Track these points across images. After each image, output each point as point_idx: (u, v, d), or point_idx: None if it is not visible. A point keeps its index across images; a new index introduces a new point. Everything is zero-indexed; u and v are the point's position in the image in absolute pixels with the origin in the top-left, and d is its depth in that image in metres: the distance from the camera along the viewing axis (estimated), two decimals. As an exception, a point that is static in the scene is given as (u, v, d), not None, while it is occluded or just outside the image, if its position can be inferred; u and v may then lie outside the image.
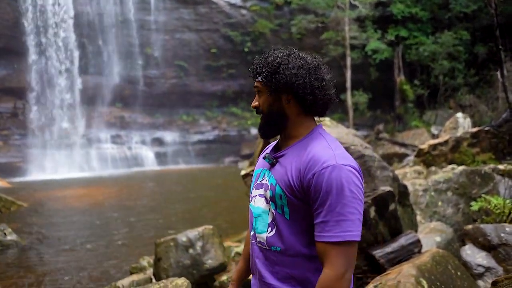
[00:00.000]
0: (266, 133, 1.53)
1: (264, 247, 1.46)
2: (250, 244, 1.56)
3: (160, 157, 23.49)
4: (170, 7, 24.82)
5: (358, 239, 1.30)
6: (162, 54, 25.06)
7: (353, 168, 1.34)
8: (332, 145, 1.40)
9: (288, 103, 1.46)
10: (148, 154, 23.42)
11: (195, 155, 24.95)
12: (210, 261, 4.58)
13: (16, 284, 5.41)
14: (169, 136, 24.90)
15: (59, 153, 20.99)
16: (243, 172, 5.74)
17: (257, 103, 1.51)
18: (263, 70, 1.47)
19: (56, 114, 21.99)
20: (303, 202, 1.37)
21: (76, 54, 22.35)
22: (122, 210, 10.34)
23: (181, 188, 14.61)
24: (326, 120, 5.58)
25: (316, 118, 1.54)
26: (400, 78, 21.84)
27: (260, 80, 1.47)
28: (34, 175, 19.22)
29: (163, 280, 2.25)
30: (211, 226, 4.96)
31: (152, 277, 4.76)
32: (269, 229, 1.44)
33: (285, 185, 1.39)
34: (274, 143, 1.63)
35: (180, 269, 4.45)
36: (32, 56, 21.35)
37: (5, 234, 7.19)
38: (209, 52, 25.39)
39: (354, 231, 1.29)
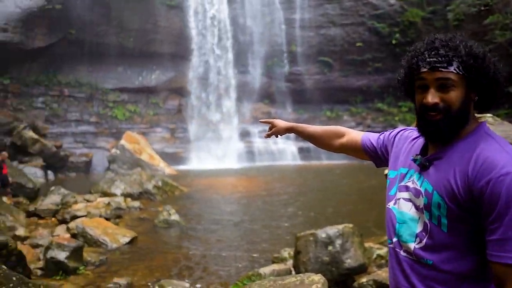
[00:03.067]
0: (445, 137, 1.27)
1: (411, 257, 1.31)
2: (391, 251, 1.42)
3: (303, 152, 23.95)
4: (314, 4, 25.03)
5: None
6: (306, 50, 25.48)
7: None
8: (506, 148, 1.20)
9: (475, 99, 1.27)
10: (292, 149, 24.15)
11: (337, 151, 24.74)
12: (349, 261, 4.52)
13: (175, 260, 6.23)
14: (313, 131, 25.20)
15: (215, 145, 23.24)
16: (387, 171, 5.48)
17: (437, 99, 1.23)
18: (464, 59, 1.21)
19: (213, 110, 24.43)
20: (468, 214, 1.19)
21: (231, 55, 24.36)
22: (269, 201, 10.94)
23: (323, 184, 14.70)
24: (487, 116, 4.92)
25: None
26: None
27: (456, 71, 1.21)
28: (194, 164, 21.74)
29: (301, 274, 2.32)
30: (351, 225, 4.89)
31: (292, 268, 4.93)
32: (417, 239, 1.29)
33: (446, 192, 1.22)
34: (416, 140, 1.44)
35: (319, 264, 4.51)
36: (194, 59, 24.06)
37: (169, 214, 8.36)
38: (354, 46, 24.77)
39: None
